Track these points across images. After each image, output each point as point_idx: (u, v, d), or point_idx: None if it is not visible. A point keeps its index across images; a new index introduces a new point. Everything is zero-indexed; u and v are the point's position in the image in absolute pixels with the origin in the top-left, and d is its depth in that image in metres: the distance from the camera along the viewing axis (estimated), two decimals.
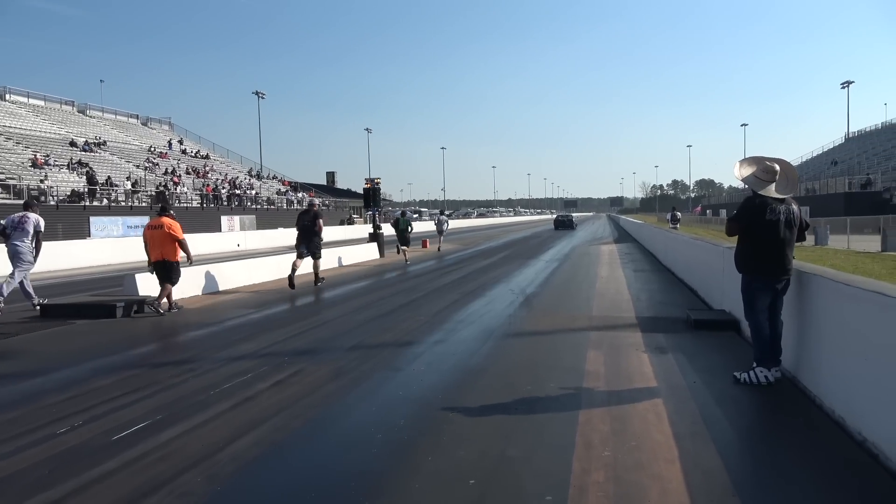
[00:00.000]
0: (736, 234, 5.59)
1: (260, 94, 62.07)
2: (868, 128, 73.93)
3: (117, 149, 46.11)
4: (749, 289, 5.45)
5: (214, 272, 12.51)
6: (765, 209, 5.28)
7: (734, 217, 5.58)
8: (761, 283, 5.35)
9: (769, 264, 5.28)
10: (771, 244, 5.28)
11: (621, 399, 5.03)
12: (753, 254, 5.37)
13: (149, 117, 61.47)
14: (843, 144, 74.47)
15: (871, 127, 73.74)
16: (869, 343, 3.97)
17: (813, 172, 64.78)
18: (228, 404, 5.04)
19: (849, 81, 72.71)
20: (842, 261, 17.42)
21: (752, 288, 5.42)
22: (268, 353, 6.84)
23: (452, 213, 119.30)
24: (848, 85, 72.66)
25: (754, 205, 5.35)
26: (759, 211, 5.29)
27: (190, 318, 9.52)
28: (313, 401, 5.09)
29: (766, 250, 5.29)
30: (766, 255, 5.29)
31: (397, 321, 8.78)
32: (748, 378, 5.33)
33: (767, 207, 5.28)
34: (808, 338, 5.11)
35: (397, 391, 5.36)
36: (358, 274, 16.06)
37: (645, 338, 7.37)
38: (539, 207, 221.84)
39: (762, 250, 5.31)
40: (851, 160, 59.91)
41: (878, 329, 3.85)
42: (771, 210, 5.26)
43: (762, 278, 5.33)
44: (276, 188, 56.78)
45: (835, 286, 4.57)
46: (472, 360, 6.45)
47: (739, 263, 5.53)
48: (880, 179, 45.84)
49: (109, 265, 20.87)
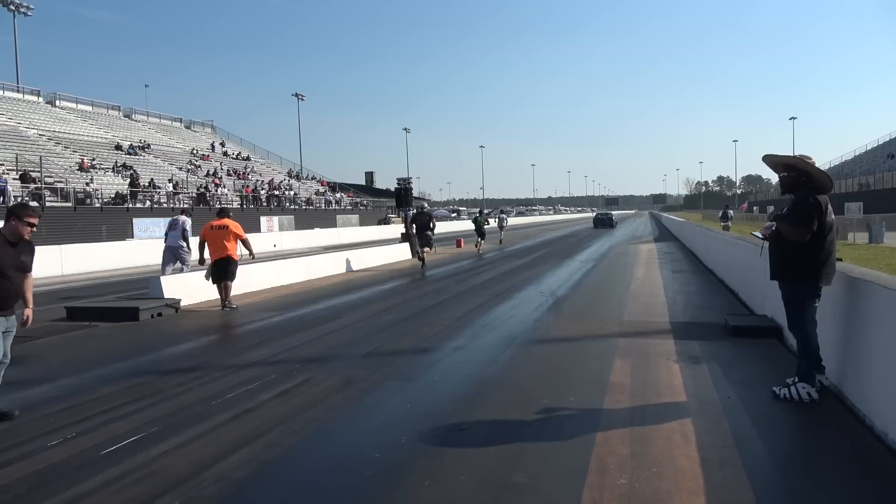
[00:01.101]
0: (806, 239, 4.77)
1: (300, 95, 62.86)
2: None
3: (161, 152, 47.10)
4: (799, 297, 4.85)
5: (240, 274, 12.39)
6: (827, 208, 4.76)
7: (803, 221, 4.70)
8: (816, 291, 4.81)
9: (828, 269, 4.76)
10: (830, 246, 4.78)
11: (645, 417, 4.60)
12: (819, 258, 4.74)
13: (192, 120, 62.65)
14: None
15: None
16: None
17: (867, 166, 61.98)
18: (227, 416, 4.80)
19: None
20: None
21: (802, 296, 4.83)
22: (279, 360, 6.61)
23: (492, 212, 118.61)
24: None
25: (819, 204, 4.74)
26: (824, 210, 4.73)
27: (210, 321, 9.42)
28: (314, 414, 4.81)
29: (827, 254, 4.76)
30: (827, 259, 4.75)
31: (418, 326, 8.47)
32: (789, 394, 4.83)
33: (827, 206, 4.76)
34: (856, 349, 4.59)
35: (405, 404, 5.04)
36: (386, 275, 15.82)
37: (678, 345, 6.89)
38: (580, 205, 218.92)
39: (825, 254, 4.75)
40: None
41: None
42: (829, 210, 4.76)
43: (819, 286, 4.78)
44: (314, 188, 57.23)
45: (890, 294, 4.05)
46: (490, 369, 6.09)
47: (796, 270, 4.81)
48: None
49: (149, 266, 21.14)
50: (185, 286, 11.08)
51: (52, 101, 46.98)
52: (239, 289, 12.03)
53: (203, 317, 9.81)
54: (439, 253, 23.40)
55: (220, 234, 10.64)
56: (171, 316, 9.79)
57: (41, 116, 42.44)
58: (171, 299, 10.20)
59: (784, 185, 5.07)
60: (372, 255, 18.92)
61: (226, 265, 10.60)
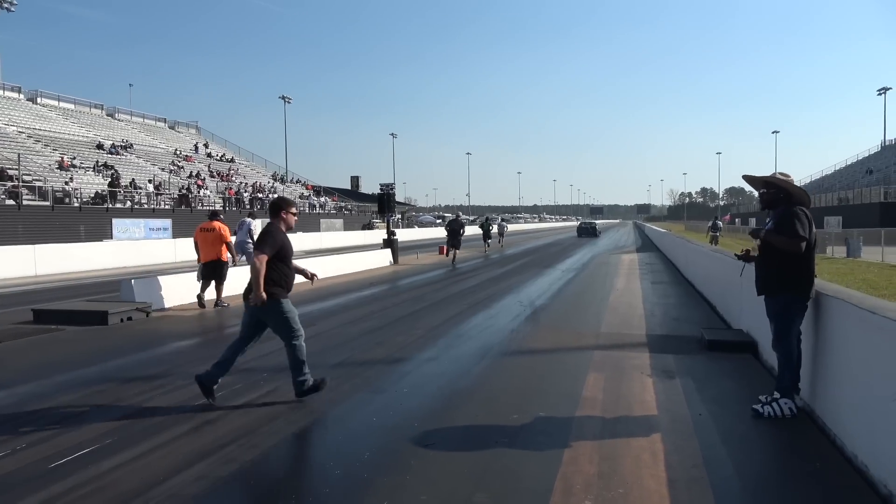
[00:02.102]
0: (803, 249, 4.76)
1: (286, 98, 62.41)
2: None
3: (143, 152, 46.60)
4: (789, 312, 4.75)
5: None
6: (812, 220, 4.75)
7: (800, 232, 4.66)
8: (802, 304, 4.75)
9: (811, 282, 4.74)
10: (812, 259, 4.77)
11: (616, 433, 4.51)
12: (804, 272, 4.72)
13: (176, 121, 62.11)
14: (879, 153, 72.07)
15: None
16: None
17: (847, 181, 62.83)
18: (186, 427, 4.64)
19: (885, 88, 70.67)
20: (875, 275, 16.53)
21: (792, 311, 4.75)
22: (246, 369, 6.44)
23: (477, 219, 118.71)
24: (885, 91, 70.59)
25: (806, 215, 4.74)
26: (811, 222, 4.74)
27: (181, 326, 9.22)
28: (278, 427, 4.66)
29: (812, 268, 4.75)
30: (811, 271, 4.75)
31: (393, 334, 8.34)
32: (772, 411, 4.74)
33: (811, 219, 4.75)
34: (826, 368, 4.53)
35: (372, 417, 4.91)
36: (366, 281, 15.66)
37: (653, 359, 6.82)
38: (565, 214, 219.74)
39: (810, 268, 4.75)
40: (888, 168, 57.86)
41: None
42: (812, 223, 4.74)
43: (805, 299, 4.75)
44: (299, 192, 56.88)
45: (859, 313, 3.99)
46: (461, 381, 5.97)
47: (782, 283, 4.76)
48: None
49: (127, 267, 20.85)
50: (161, 289, 10.86)
51: (34, 98, 46.34)
52: (211, 293, 11.82)
53: (174, 322, 9.60)
54: (421, 259, 23.29)
55: (208, 237, 10.81)
56: (142, 320, 9.56)
57: (21, 113, 41.82)
58: (142, 303, 9.98)
59: (764, 201, 5.10)
60: (353, 261, 18.74)
61: (214, 267, 10.79)
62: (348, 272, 17.74)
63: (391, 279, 16.50)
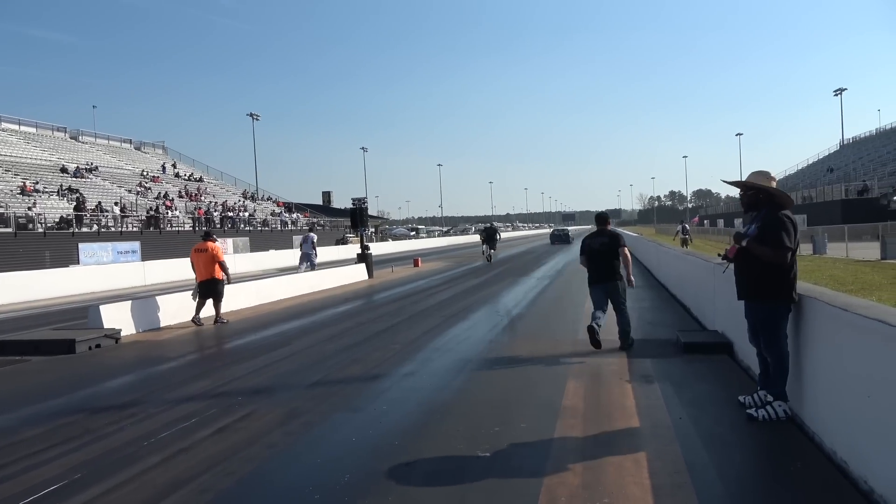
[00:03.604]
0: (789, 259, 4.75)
1: (254, 115, 61.94)
2: (862, 134, 73.69)
3: (109, 174, 45.73)
4: (775, 316, 4.72)
5: (183, 301, 11.96)
6: (797, 226, 4.76)
7: (784, 241, 4.64)
8: (787, 308, 4.73)
9: (794, 285, 4.72)
10: (795, 263, 4.76)
11: (597, 442, 4.48)
12: (789, 278, 4.71)
13: (142, 142, 61.09)
14: (839, 151, 74.16)
15: (865, 133, 73.52)
16: (871, 379, 3.44)
17: (809, 180, 64.38)
18: (159, 458, 4.49)
19: (842, 88, 72.73)
20: (841, 271, 16.89)
21: (778, 315, 4.72)
22: (220, 393, 6.30)
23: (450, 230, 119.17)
24: (841, 92, 72.65)
25: (792, 221, 4.75)
26: (796, 228, 4.74)
27: (151, 352, 8.99)
28: (254, 452, 4.54)
29: (795, 270, 4.74)
30: (795, 275, 4.74)
31: (370, 350, 8.24)
32: (767, 414, 4.71)
33: (796, 225, 4.76)
34: (803, 366, 4.57)
35: (351, 437, 4.81)
36: (341, 297, 15.51)
37: (631, 364, 6.83)
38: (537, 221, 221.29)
39: (794, 270, 4.74)
40: (847, 167, 59.52)
41: (882, 363, 3.33)
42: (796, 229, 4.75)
43: (790, 302, 4.72)
44: (270, 209, 56.35)
45: (832, 311, 4.04)
46: (441, 396, 5.90)
47: (772, 288, 4.72)
48: (877, 186, 45.33)
49: (95, 293, 20.34)
50: (131, 314, 10.59)
51: None
52: (184, 316, 11.62)
53: (145, 347, 9.36)
54: (396, 272, 23.17)
55: (202, 257, 11.32)
56: (111, 347, 9.31)
57: None
58: (110, 329, 9.71)
59: (744, 203, 5.08)
60: (327, 277, 18.56)
61: (209, 286, 11.26)
62: (323, 288, 17.56)
63: (367, 294, 16.37)
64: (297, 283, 16.72)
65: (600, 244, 7.88)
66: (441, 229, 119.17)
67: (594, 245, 7.96)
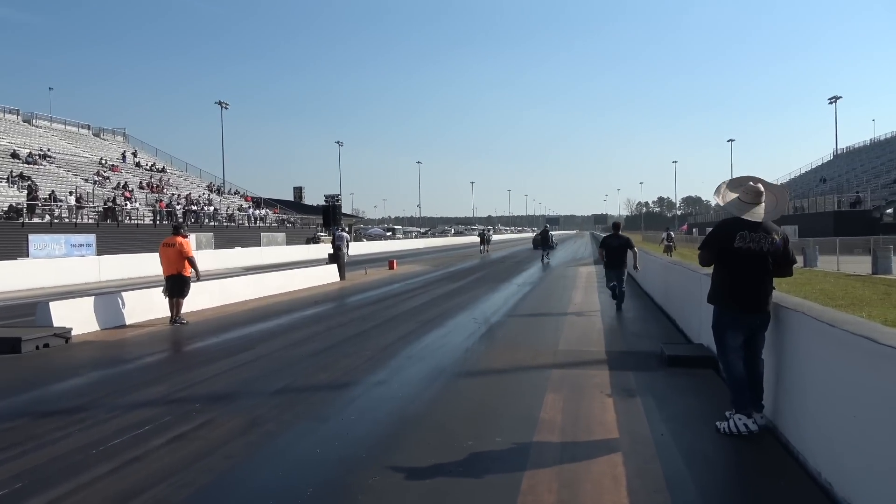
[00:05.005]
0: (709, 263, 5.22)
1: (223, 104, 61.44)
2: (856, 144, 75.34)
3: (65, 161, 45.00)
4: (719, 323, 5.10)
5: (141, 299, 11.81)
6: (734, 235, 4.87)
7: (703, 244, 5.22)
8: (730, 317, 4.96)
9: (739, 297, 4.88)
10: (741, 275, 4.89)
11: (575, 456, 4.51)
12: (722, 283, 5.02)
13: (101, 128, 60.34)
14: (832, 161, 75.72)
15: (859, 143, 75.18)
16: (857, 398, 3.51)
17: (801, 190, 65.57)
18: (108, 467, 4.42)
19: (836, 97, 74.27)
20: (831, 285, 17.22)
21: (721, 322, 5.07)
22: (178, 399, 6.22)
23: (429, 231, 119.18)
24: (835, 100, 74.17)
25: (723, 230, 4.99)
26: (728, 236, 4.90)
27: (104, 353, 8.86)
28: (211, 463, 4.49)
29: (737, 281, 4.90)
30: (737, 286, 4.90)
31: (339, 357, 8.20)
32: (727, 428, 4.87)
33: (737, 234, 4.86)
34: (789, 383, 4.66)
35: (316, 448, 4.79)
36: (310, 299, 15.42)
37: (612, 377, 6.89)
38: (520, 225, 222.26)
39: (733, 280, 4.94)
40: (840, 177, 60.75)
41: (868, 382, 3.40)
42: (741, 237, 4.85)
43: (731, 312, 4.93)
44: (237, 204, 55.86)
45: (818, 326, 4.12)
46: (413, 406, 5.90)
47: (710, 293, 5.20)
48: (870, 198, 46.36)
49: (45, 288, 19.96)
50: (84, 311, 10.42)
51: None
52: (140, 315, 11.48)
53: (98, 348, 9.22)
54: (370, 274, 23.11)
55: (170, 252, 11.31)
56: (61, 347, 9.15)
57: None
58: (60, 328, 9.54)
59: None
60: (296, 278, 18.44)
61: (175, 282, 11.22)
62: (291, 290, 17.44)
63: (337, 297, 16.30)
64: (263, 283, 16.60)
65: (618, 244, 12.25)
66: (419, 230, 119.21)
67: (612, 244, 12.30)
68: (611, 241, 12.34)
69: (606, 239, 12.54)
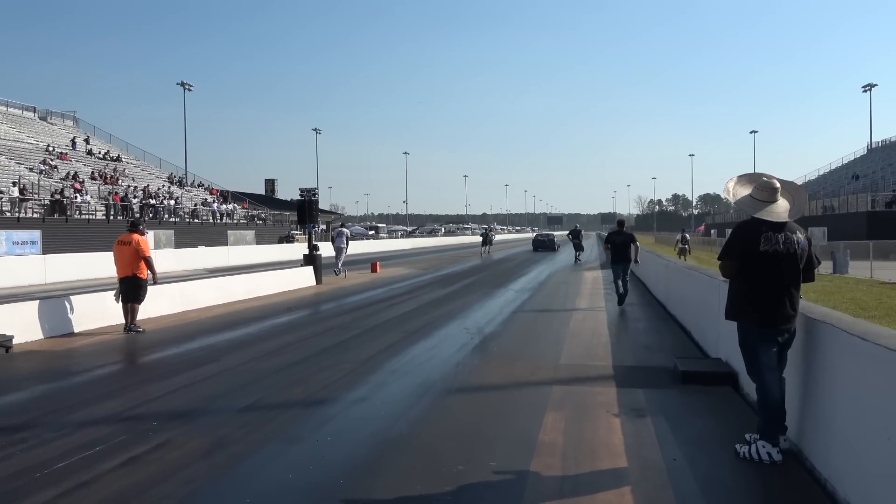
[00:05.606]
0: (733, 274, 5.14)
1: (187, 85, 61.15)
2: (893, 137, 75.81)
3: (6, 147, 44.74)
4: (748, 341, 5.02)
5: (94, 304, 11.76)
6: (758, 237, 4.88)
7: (724, 252, 5.17)
8: (762, 332, 4.93)
9: (768, 309, 4.86)
10: (769, 282, 4.88)
11: (578, 486, 4.52)
12: (747, 294, 4.98)
13: (49, 111, 60.01)
14: (866, 156, 76.25)
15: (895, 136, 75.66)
16: (893, 419, 3.54)
17: (832, 188, 66.10)
18: (52, 493, 4.39)
19: (871, 84, 74.77)
20: (864, 294, 17.37)
21: (751, 340, 4.99)
22: (133, 416, 6.21)
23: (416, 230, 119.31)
24: (870, 88, 74.67)
25: (745, 232, 4.99)
26: (751, 239, 4.90)
27: (50, 364, 8.83)
28: (168, 490, 4.47)
29: (764, 290, 4.88)
30: (765, 296, 4.88)
31: (314, 370, 8.22)
32: (748, 453, 4.89)
33: (762, 235, 4.88)
34: (815, 402, 4.69)
35: (287, 473, 4.78)
36: (283, 305, 15.41)
37: (620, 395, 6.93)
38: (519, 223, 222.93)
39: (760, 289, 4.91)
40: (875, 174, 61.25)
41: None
42: (766, 239, 4.86)
43: (762, 327, 4.91)
44: (201, 198, 55.73)
45: (849, 340, 4.15)
46: (397, 426, 5.91)
47: (730, 307, 5.14)
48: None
49: None
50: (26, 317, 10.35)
51: None
52: (92, 322, 11.43)
53: (41, 359, 9.17)
54: (350, 278, 23.11)
55: (125, 251, 11.24)
56: (0, 357, 9.10)
57: None
58: (0, 336, 9.48)
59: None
60: (267, 281, 18.42)
61: (129, 284, 11.17)
62: (261, 294, 17.42)
63: (313, 303, 16.31)
64: (230, 287, 16.56)
65: (622, 240, 14.74)
66: (405, 229, 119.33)
67: (617, 240, 14.85)
68: (615, 238, 14.91)
69: (611, 235, 15.25)
